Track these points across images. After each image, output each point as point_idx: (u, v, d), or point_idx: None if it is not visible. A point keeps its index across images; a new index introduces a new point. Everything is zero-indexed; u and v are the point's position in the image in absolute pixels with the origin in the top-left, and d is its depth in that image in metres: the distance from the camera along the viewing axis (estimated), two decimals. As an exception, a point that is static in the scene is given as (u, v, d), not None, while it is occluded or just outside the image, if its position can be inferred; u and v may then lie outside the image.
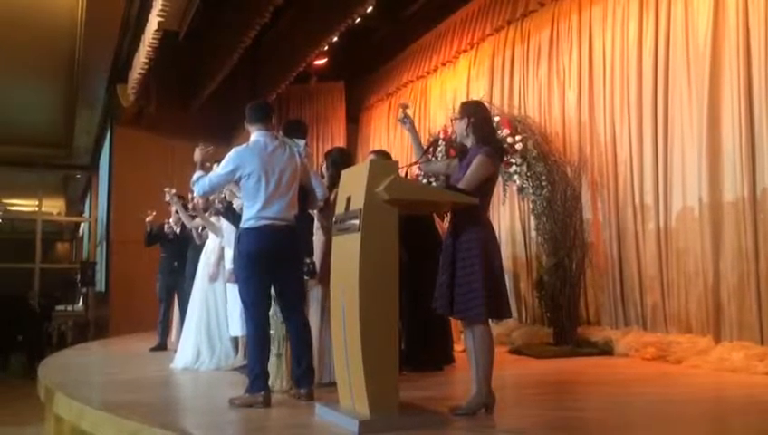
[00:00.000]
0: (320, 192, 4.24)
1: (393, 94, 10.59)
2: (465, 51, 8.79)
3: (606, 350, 5.97)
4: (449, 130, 7.36)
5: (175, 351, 6.06)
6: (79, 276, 14.28)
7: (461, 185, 3.46)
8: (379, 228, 3.17)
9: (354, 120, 11.67)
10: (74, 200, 21.01)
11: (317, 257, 4.33)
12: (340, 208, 3.43)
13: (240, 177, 3.85)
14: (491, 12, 8.20)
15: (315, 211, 4.38)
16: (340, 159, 4.58)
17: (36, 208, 17.49)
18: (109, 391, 4.55)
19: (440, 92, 9.33)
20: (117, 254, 11.56)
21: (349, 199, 3.32)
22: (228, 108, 10.92)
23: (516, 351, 6.31)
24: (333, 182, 4.51)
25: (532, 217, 6.97)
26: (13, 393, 8.72)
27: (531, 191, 6.63)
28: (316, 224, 4.47)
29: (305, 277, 4.22)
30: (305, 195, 4.14)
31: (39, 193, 17.11)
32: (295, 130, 4.29)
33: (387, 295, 3.16)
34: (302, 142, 4.11)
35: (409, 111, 4.05)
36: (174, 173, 10.05)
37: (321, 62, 10.24)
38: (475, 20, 8.52)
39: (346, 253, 3.29)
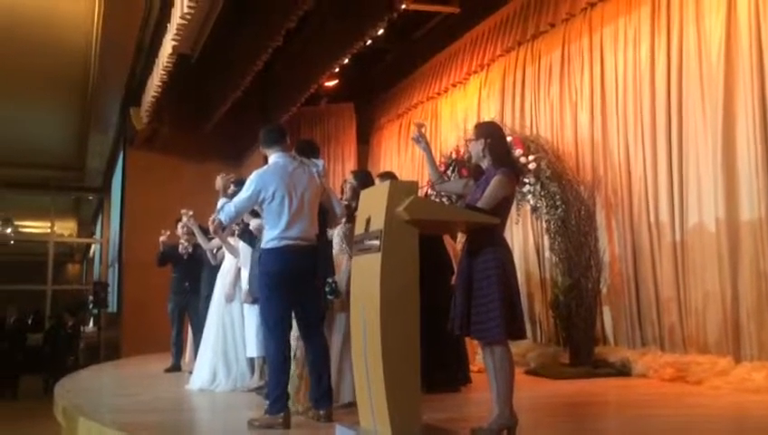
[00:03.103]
0: (338, 211, 4.26)
1: (403, 115, 10.65)
2: (475, 72, 8.83)
3: (623, 371, 5.91)
4: (461, 150, 7.40)
5: (189, 371, 6.06)
6: (92, 298, 14.31)
7: (479, 205, 3.47)
8: (399, 248, 3.17)
9: (365, 141, 11.72)
10: (86, 222, 21.12)
11: (339, 277, 4.34)
12: (359, 229, 3.44)
13: (263, 199, 3.86)
14: (501, 33, 8.24)
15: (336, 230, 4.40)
16: (367, 180, 4.65)
17: (49, 230, 17.58)
18: (128, 413, 4.55)
19: (451, 113, 9.37)
20: (129, 275, 11.60)
21: (368, 220, 3.33)
22: (240, 130, 11.02)
23: (532, 372, 6.26)
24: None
25: (546, 237, 6.96)
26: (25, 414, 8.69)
27: (545, 211, 6.62)
28: (335, 244, 4.48)
29: (329, 297, 4.22)
30: (324, 214, 4.16)
31: (51, 215, 17.22)
32: (310, 150, 4.32)
33: (408, 315, 3.16)
34: (320, 162, 4.14)
35: (424, 130, 4.07)
36: (186, 195, 10.07)
37: (331, 83, 10.31)
38: (486, 41, 8.57)
39: (366, 273, 3.29)
